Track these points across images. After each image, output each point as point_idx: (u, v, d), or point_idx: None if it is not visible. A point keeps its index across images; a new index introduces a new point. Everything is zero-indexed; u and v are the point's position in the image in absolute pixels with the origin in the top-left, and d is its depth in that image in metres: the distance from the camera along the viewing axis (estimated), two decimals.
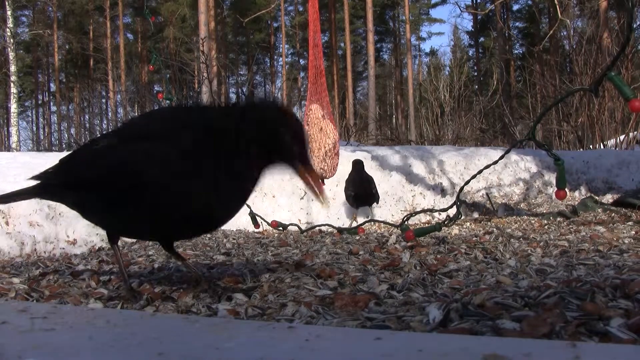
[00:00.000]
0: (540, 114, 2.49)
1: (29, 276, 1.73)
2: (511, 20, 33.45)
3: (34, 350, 0.73)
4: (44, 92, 36.89)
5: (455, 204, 2.41)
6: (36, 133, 32.16)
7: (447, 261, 1.62)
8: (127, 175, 1.18)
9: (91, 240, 3.13)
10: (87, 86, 29.80)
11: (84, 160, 1.32)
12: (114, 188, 1.20)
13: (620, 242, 1.93)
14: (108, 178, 1.21)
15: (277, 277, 1.49)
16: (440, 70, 20.20)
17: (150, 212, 1.20)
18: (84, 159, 1.33)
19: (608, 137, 8.54)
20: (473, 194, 4.66)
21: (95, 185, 1.24)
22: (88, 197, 1.28)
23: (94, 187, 1.25)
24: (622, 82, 1.99)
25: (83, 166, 1.30)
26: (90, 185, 1.25)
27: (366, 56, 29.20)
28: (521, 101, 15.47)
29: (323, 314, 1.05)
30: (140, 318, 0.94)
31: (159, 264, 1.90)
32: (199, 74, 10.95)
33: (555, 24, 9.94)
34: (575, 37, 11.45)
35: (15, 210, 3.08)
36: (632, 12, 1.96)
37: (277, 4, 26.95)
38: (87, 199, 1.28)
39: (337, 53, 31.78)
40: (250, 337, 0.78)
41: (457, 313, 0.93)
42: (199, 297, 1.29)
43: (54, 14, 31.33)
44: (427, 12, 38.47)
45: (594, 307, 0.89)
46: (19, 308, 1.00)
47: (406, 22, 28.05)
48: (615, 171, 5.30)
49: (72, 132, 23.58)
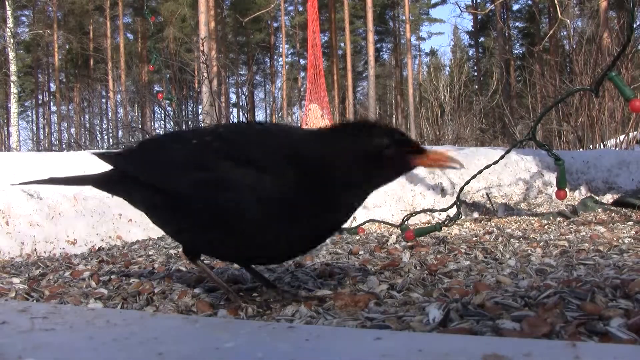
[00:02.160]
0: (540, 114, 2.49)
1: (29, 276, 1.73)
2: (511, 20, 33.47)
3: (34, 350, 0.73)
4: (44, 92, 36.92)
5: (455, 204, 2.41)
6: (36, 133, 32.19)
7: (447, 261, 1.62)
8: (231, 202, 1.08)
9: (91, 240, 3.13)
10: (87, 86, 29.81)
11: (181, 161, 1.16)
12: (211, 208, 1.10)
13: (620, 242, 1.93)
14: (209, 195, 1.10)
15: (277, 277, 1.49)
16: (440, 70, 20.22)
17: (244, 242, 1.12)
18: (181, 159, 1.17)
19: (608, 137, 8.55)
20: (473, 194, 4.66)
21: (190, 197, 1.12)
22: (173, 205, 1.16)
23: (187, 199, 1.13)
24: (622, 82, 1.99)
25: (178, 169, 1.16)
26: (184, 195, 1.13)
27: (366, 56, 29.22)
28: (521, 101, 15.47)
29: (323, 314, 1.05)
30: (140, 318, 0.94)
31: (159, 264, 1.89)
32: (199, 74, 10.96)
33: (555, 24, 9.94)
34: (575, 37, 11.45)
35: (15, 210, 3.08)
36: (632, 12, 1.96)
37: (277, 4, 26.95)
38: (172, 207, 1.17)
39: (337, 53, 31.77)
40: (250, 337, 0.78)
41: (457, 313, 0.93)
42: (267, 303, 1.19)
43: (54, 13, 31.34)
44: (427, 12, 38.54)
45: (594, 307, 0.89)
46: (19, 308, 1.00)
47: (406, 22, 28.06)
48: (615, 171, 5.30)
49: (72, 132, 23.58)
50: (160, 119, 15.19)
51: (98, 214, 3.30)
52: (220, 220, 1.11)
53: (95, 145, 14.51)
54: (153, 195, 1.19)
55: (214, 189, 1.10)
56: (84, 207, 3.32)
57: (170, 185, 1.16)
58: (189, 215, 1.14)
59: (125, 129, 13.44)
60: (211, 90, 9.11)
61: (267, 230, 1.10)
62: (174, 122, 8.06)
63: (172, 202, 1.16)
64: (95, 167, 3.80)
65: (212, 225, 1.12)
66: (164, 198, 1.17)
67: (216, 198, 1.09)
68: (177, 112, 8.12)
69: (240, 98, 14.64)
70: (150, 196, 1.21)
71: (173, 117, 8.11)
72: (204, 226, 1.13)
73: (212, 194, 1.10)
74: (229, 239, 1.12)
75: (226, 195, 1.08)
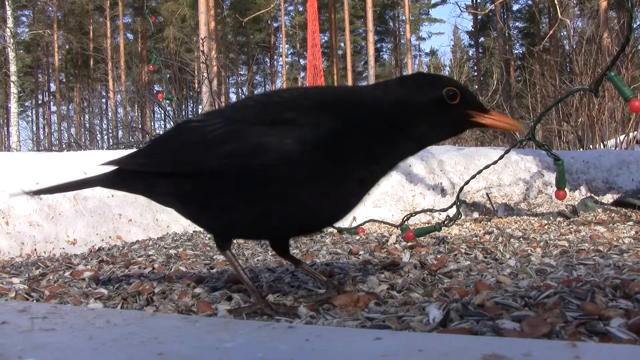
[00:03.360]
0: (540, 114, 2.49)
1: (29, 276, 1.73)
2: (511, 20, 33.48)
3: (34, 350, 0.73)
4: (44, 92, 36.93)
5: (455, 204, 2.41)
6: (36, 133, 32.18)
7: (447, 261, 1.62)
8: (272, 162, 1.00)
9: (91, 240, 3.14)
10: (87, 86, 29.82)
11: (201, 142, 1.08)
12: (247, 179, 1.02)
13: (620, 242, 1.93)
14: (242, 164, 1.02)
15: (277, 277, 1.49)
16: (440, 70, 20.23)
17: (285, 210, 1.04)
18: (200, 141, 1.09)
19: (608, 137, 8.55)
20: (473, 194, 4.66)
21: (217, 175, 1.05)
22: (198, 188, 1.08)
23: (213, 178, 1.05)
24: (622, 82, 2.00)
25: (200, 151, 1.08)
26: (210, 175, 1.06)
27: (366, 56, 29.22)
28: (521, 101, 15.48)
29: (323, 314, 1.05)
30: (140, 318, 0.94)
31: (159, 264, 1.90)
32: (199, 74, 10.96)
33: (555, 24, 9.95)
34: (575, 37, 11.46)
35: (15, 210, 3.08)
36: (632, 12, 1.96)
37: (277, 4, 26.95)
38: (196, 190, 1.08)
39: (337, 53, 31.80)
40: (250, 337, 0.78)
41: (457, 313, 0.93)
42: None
43: (54, 14, 31.36)
44: (427, 12, 38.55)
45: (594, 307, 0.89)
46: (19, 308, 1.00)
47: (406, 22, 28.09)
48: (615, 171, 5.30)
49: (72, 132, 23.58)
50: (160, 119, 15.21)
51: (98, 214, 3.30)
52: (260, 189, 1.02)
53: (95, 145, 14.51)
54: (180, 183, 1.11)
55: (248, 157, 1.01)
56: (84, 207, 3.32)
57: (201, 166, 1.07)
58: (224, 193, 1.06)
59: (125, 129, 13.45)
60: (211, 90, 9.12)
61: (311, 188, 1.01)
62: (174, 122, 8.07)
63: (204, 185, 1.08)
64: (95, 167, 3.79)
65: (253, 197, 1.03)
66: (194, 183, 1.09)
67: (250, 166, 1.01)
68: (177, 112, 8.12)
69: (240, 98, 14.68)
70: (177, 185, 1.12)
71: (173, 117, 8.11)
72: (243, 200, 1.04)
73: (245, 161, 1.02)
74: (272, 205, 1.03)
75: (263, 159, 1.00)
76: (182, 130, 1.17)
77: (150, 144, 1.25)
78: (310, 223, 1.12)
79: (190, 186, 1.09)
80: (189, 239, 2.82)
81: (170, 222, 3.49)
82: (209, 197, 1.08)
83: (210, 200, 1.08)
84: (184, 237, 2.99)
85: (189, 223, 3.64)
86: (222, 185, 1.05)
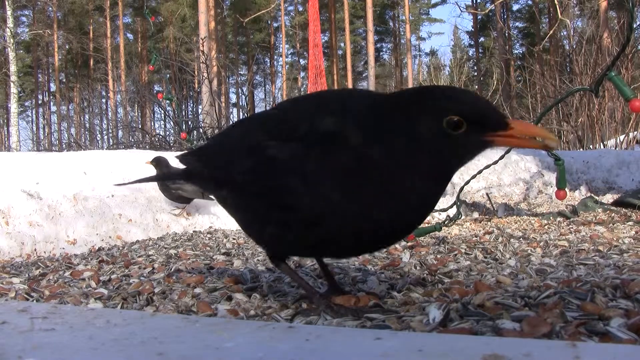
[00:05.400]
0: (540, 114, 2.50)
1: (29, 276, 1.73)
2: (511, 20, 33.48)
3: (34, 350, 0.73)
4: (44, 92, 36.93)
5: (455, 204, 2.41)
6: (36, 133, 32.18)
7: (447, 261, 1.62)
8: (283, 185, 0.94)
9: (91, 240, 3.14)
10: (87, 86, 29.81)
11: (233, 149, 1.04)
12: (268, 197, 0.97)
13: (620, 242, 1.93)
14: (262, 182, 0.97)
15: (277, 277, 1.49)
16: (440, 70, 20.23)
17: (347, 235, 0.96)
18: (234, 147, 1.04)
19: (608, 137, 8.55)
20: (473, 194, 4.66)
21: (248, 189, 1.00)
22: (260, 204, 1.01)
23: (247, 190, 1.01)
24: (622, 82, 2.00)
25: (234, 156, 1.03)
26: (244, 188, 1.01)
27: (366, 56, 29.22)
28: (521, 101, 15.47)
29: (323, 314, 1.05)
30: (140, 318, 0.94)
31: (159, 264, 1.89)
32: (199, 74, 10.96)
33: (555, 24, 9.95)
34: (575, 37, 11.46)
35: (15, 210, 3.08)
36: (632, 12, 1.97)
37: (277, 4, 26.94)
38: (259, 206, 1.01)
39: (337, 53, 31.81)
40: (250, 337, 0.78)
41: (457, 313, 0.93)
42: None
43: (54, 14, 31.36)
44: (427, 12, 38.54)
45: (594, 307, 0.89)
46: (19, 308, 1.00)
47: (406, 22, 28.09)
48: (615, 171, 5.31)
49: (72, 132, 23.58)
50: (160, 119, 15.20)
51: (98, 214, 3.30)
52: (279, 210, 0.96)
53: (95, 145, 14.51)
54: (231, 191, 1.06)
55: (265, 174, 0.96)
56: (84, 207, 3.32)
57: (229, 176, 1.03)
58: (258, 208, 1.01)
59: (125, 129, 13.44)
60: (211, 90, 9.12)
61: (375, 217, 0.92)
62: (174, 122, 8.07)
63: (242, 197, 1.03)
64: (95, 167, 3.80)
65: (275, 216, 0.98)
66: (236, 192, 1.04)
67: (267, 184, 0.96)
68: (177, 112, 8.12)
69: (240, 98, 14.66)
70: (232, 191, 1.07)
71: (173, 117, 8.12)
72: (269, 219, 0.99)
73: (263, 179, 0.97)
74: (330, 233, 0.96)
75: (277, 181, 0.95)
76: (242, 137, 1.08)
77: (212, 140, 1.19)
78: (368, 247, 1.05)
79: (237, 196, 1.05)
80: (189, 239, 2.82)
81: (170, 222, 3.49)
82: (253, 210, 1.04)
83: (269, 215, 1.01)
84: (184, 237, 2.98)
85: (189, 223, 3.64)
86: (251, 199, 1.02)
